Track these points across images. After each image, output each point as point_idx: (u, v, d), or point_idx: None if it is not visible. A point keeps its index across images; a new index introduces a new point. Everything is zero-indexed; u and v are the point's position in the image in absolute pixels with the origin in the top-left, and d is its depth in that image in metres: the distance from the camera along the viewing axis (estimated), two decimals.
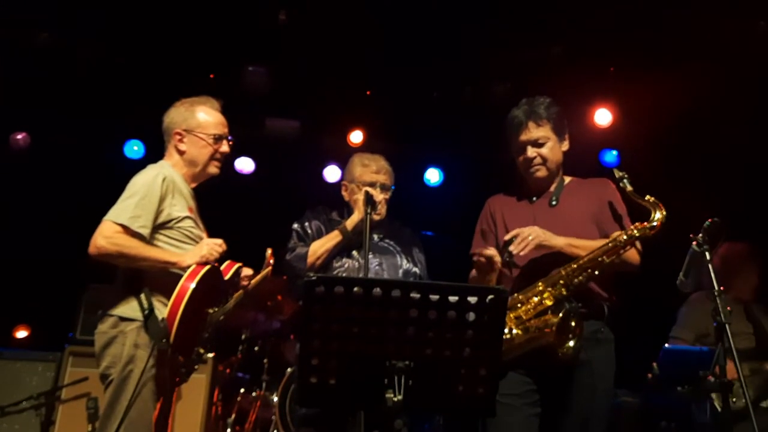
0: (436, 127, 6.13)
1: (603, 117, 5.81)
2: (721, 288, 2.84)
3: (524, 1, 4.88)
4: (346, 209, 3.39)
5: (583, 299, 2.64)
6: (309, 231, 3.25)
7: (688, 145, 5.34)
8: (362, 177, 3.34)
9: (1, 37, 5.09)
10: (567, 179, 3.03)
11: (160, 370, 2.53)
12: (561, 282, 2.61)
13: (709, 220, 3.00)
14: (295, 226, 3.29)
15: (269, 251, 3.10)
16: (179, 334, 2.49)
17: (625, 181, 2.80)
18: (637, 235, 2.68)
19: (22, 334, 6.04)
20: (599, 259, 2.62)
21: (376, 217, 3.22)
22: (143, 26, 5.21)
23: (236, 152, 6.17)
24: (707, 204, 3.58)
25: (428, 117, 6.03)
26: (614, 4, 4.77)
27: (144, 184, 2.64)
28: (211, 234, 2.89)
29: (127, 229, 2.54)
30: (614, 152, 6.00)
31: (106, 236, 2.52)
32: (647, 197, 2.75)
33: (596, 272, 2.62)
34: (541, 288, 2.63)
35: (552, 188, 2.94)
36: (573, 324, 2.52)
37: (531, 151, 2.89)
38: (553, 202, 2.89)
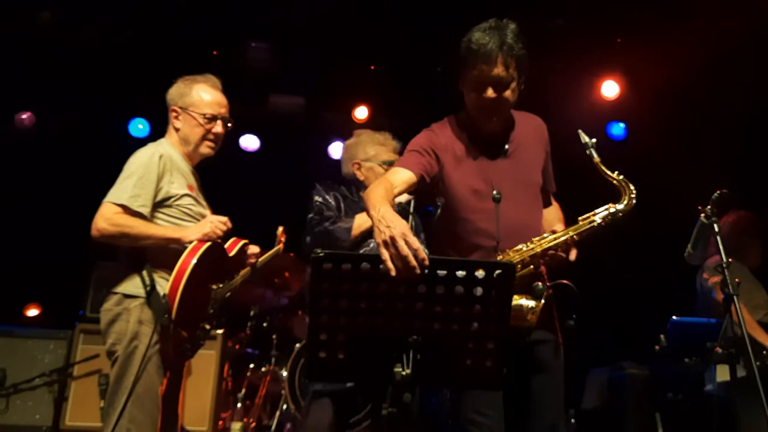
0: (441, 101, 6.08)
1: (610, 89, 5.76)
2: (729, 260, 2.84)
3: None
4: (355, 187, 3.37)
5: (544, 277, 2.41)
6: (332, 203, 3.25)
7: (696, 117, 5.30)
8: (380, 156, 3.36)
9: (4, 18, 5.06)
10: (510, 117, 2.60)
11: (164, 346, 2.55)
12: (527, 258, 2.33)
13: (718, 191, 2.98)
14: (318, 198, 3.26)
15: (281, 229, 3.10)
16: (181, 310, 2.50)
17: (591, 150, 2.43)
18: (609, 218, 2.36)
19: (33, 312, 6.11)
20: (568, 237, 2.33)
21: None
22: (146, 3, 5.17)
23: (240, 130, 6.16)
24: (716, 176, 3.56)
25: (432, 92, 5.99)
26: None
27: (141, 163, 2.63)
28: (217, 211, 2.89)
29: (127, 209, 2.55)
30: (621, 125, 5.96)
31: (107, 218, 2.53)
32: (616, 174, 2.42)
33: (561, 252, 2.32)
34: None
35: (502, 132, 2.52)
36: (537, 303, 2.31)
37: (491, 92, 2.40)
38: (506, 150, 2.50)
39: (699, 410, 3.76)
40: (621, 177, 2.43)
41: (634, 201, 2.40)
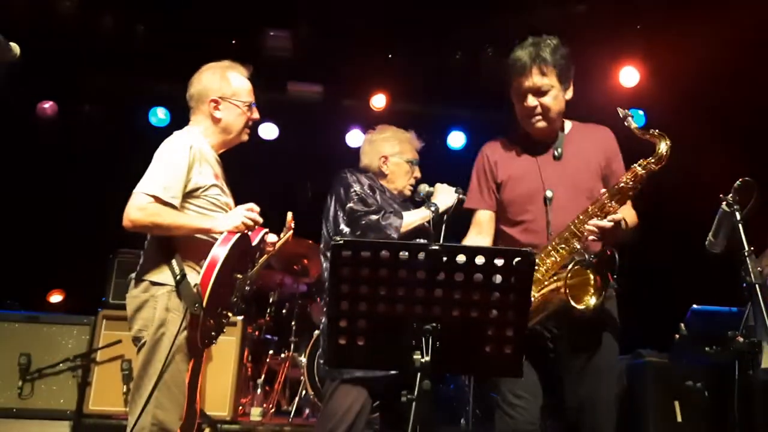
0: (459, 90, 6.07)
1: (629, 76, 5.70)
2: (752, 248, 2.81)
3: None
4: (378, 178, 3.37)
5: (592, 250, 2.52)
6: (370, 193, 3.24)
7: (717, 104, 5.22)
8: (406, 153, 3.41)
9: (25, 7, 5.11)
10: (567, 125, 2.83)
11: (192, 334, 2.56)
12: (569, 234, 2.48)
13: (740, 179, 2.95)
14: (356, 188, 3.21)
15: (290, 215, 3.08)
16: (211, 299, 2.51)
17: (630, 119, 2.58)
18: (641, 172, 2.50)
19: (56, 298, 6.21)
20: (607, 204, 2.47)
21: (408, 194, 3.40)
22: None
23: (260, 118, 6.18)
24: (737, 163, 3.51)
25: (450, 79, 5.97)
26: None
27: (173, 153, 2.62)
28: (237, 200, 2.91)
29: (158, 200, 2.54)
30: (641, 112, 5.90)
31: (140, 208, 2.52)
32: (651, 131, 2.56)
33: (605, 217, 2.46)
34: (554, 244, 2.50)
35: (555, 137, 2.74)
36: (591, 277, 2.44)
37: (531, 100, 2.66)
38: (557, 154, 2.71)
39: (719, 399, 3.74)
40: (656, 132, 2.56)
41: (666, 150, 2.52)
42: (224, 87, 2.80)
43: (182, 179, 2.59)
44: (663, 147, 2.52)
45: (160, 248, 2.62)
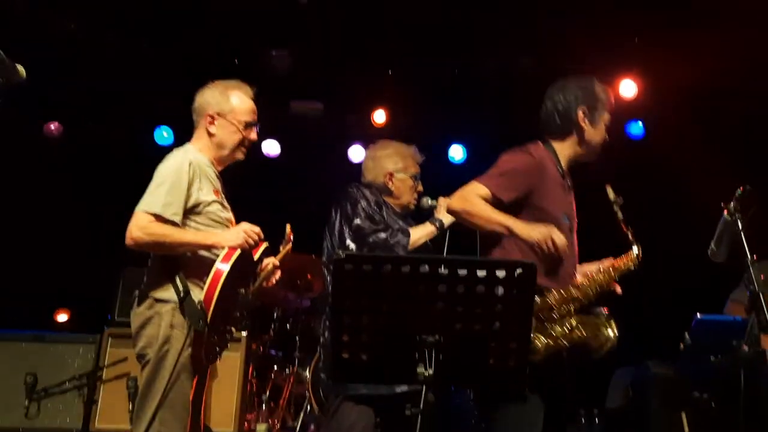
0: (459, 103, 6.11)
1: (628, 88, 5.73)
2: (754, 256, 2.82)
3: None
4: (383, 195, 3.38)
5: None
6: (377, 209, 3.24)
7: (715, 114, 5.25)
8: (410, 169, 3.43)
9: (29, 28, 5.18)
10: None
11: (196, 351, 2.58)
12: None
13: (741, 188, 2.96)
14: (363, 204, 3.21)
15: (288, 227, 3.06)
16: (215, 315, 2.52)
17: (615, 207, 2.64)
18: (622, 270, 2.63)
19: (62, 317, 6.23)
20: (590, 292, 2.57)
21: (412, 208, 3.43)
22: (169, 13, 5.26)
23: (262, 135, 6.23)
24: (736, 173, 3.53)
25: (450, 93, 6.01)
26: None
27: (172, 171, 2.64)
28: (238, 216, 2.92)
29: (160, 218, 2.55)
30: (640, 123, 5.93)
31: (141, 227, 2.54)
32: (630, 231, 2.64)
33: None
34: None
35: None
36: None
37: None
38: (570, 184, 2.79)
39: (726, 409, 3.71)
40: (631, 233, 2.64)
41: (638, 255, 2.63)
42: (222, 104, 2.82)
43: (183, 196, 2.61)
44: (635, 251, 2.62)
45: (163, 266, 2.64)
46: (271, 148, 6.42)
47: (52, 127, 6.07)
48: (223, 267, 2.56)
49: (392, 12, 5.18)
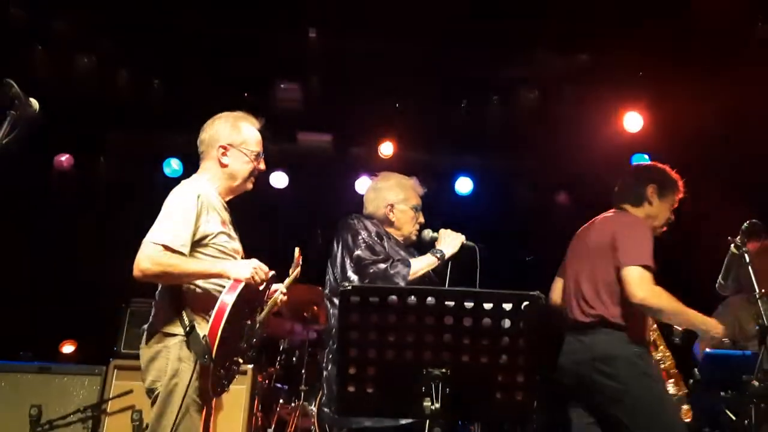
0: (466, 136, 6.16)
1: (633, 122, 5.77)
2: (763, 291, 2.80)
3: (550, 8, 4.89)
4: (385, 226, 3.39)
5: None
6: (377, 240, 3.25)
7: (721, 148, 5.27)
8: (411, 200, 3.44)
9: (42, 62, 5.29)
10: None
11: (204, 384, 2.57)
12: None
13: (747, 221, 2.96)
14: (364, 234, 3.23)
15: (297, 251, 3.04)
16: (220, 348, 2.52)
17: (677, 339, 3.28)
18: None
19: (68, 348, 6.21)
20: None
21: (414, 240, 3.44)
22: (178, 46, 5.36)
23: (270, 167, 6.29)
24: (743, 207, 3.53)
25: (457, 126, 6.07)
26: (641, 8, 4.75)
27: (181, 203, 2.67)
28: (247, 247, 2.93)
29: (168, 249, 2.57)
30: (645, 156, 5.95)
31: (149, 257, 2.56)
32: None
33: None
34: None
35: None
36: None
37: None
38: None
39: None
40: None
41: None
42: (234, 135, 2.87)
43: (191, 228, 2.63)
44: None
45: (171, 300, 2.65)
46: (278, 180, 6.47)
47: (63, 158, 6.14)
48: (227, 299, 2.56)
49: (399, 45, 5.27)
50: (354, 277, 3.13)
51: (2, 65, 4.58)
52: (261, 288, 2.80)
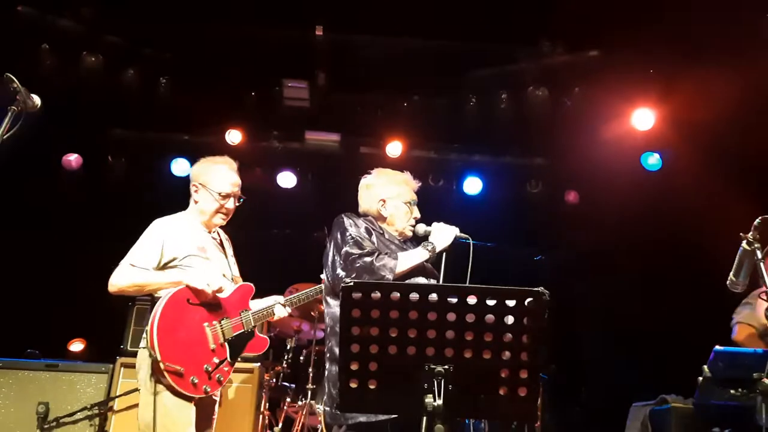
0: (474, 136, 6.13)
1: (644, 120, 5.72)
2: None
3: (560, 5, 4.86)
4: (377, 221, 3.38)
5: None
6: (366, 235, 3.24)
7: (732, 145, 5.21)
8: (404, 195, 3.41)
9: (50, 62, 5.32)
10: None
11: (166, 381, 2.92)
12: None
13: (760, 217, 2.92)
14: (351, 231, 3.20)
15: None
16: (172, 351, 2.92)
17: None
18: None
19: (77, 347, 6.24)
20: None
21: (409, 235, 3.40)
22: (186, 46, 5.38)
23: (278, 166, 6.31)
24: (754, 202, 3.49)
25: (466, 125, 6.04)
26: (651, 4, 4.72)
27: (151, 231, 3.17)
28: (256, 245, 3.01)
29: (134, 266, 3.07)
30: (656, 155, 5.90)
31: (119, 273, 3.07)
32: None
33: None
34: None
35: None
36: None
37: None
38: None
39: None
40: None
41: None
42: (204, 176, 3.30)
43: (156, 251, 3.10)
44: None
45: (142, 317, 3.14)
46: (287, 180, 6.47)
47: (71, 158, 6.17)
48: (156, 308, 2.96)
49: (408, 45, 5.25)
50: (342, 274, 3.11)
51: (10, 64, 4.60)
52: (227, 296, 3.17)
